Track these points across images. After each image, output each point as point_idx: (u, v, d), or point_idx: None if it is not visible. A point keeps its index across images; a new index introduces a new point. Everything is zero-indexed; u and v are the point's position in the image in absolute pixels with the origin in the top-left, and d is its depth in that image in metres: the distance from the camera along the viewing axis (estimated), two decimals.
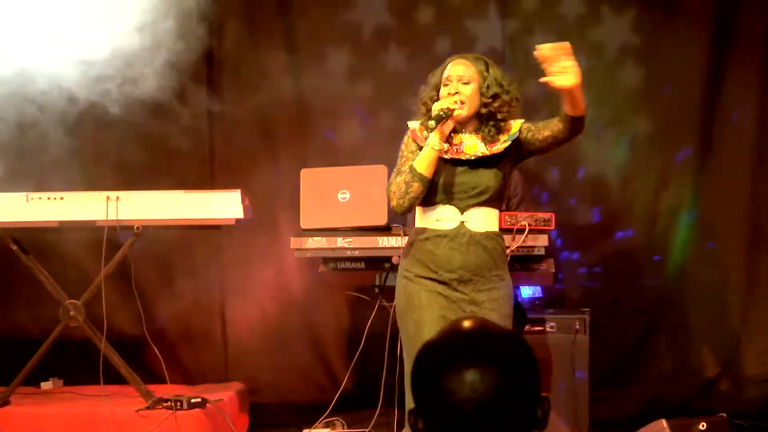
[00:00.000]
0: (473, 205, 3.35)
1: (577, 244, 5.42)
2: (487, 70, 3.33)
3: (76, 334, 4.72)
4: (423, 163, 3.27)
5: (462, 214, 3.34)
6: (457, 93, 3.28)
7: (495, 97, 3.30)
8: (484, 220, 3.37)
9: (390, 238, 4.24)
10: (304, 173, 4.52)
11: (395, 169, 3.40)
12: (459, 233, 3.33)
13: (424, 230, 3.39)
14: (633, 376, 5.32)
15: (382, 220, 4.27)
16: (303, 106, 5.46)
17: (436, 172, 3.32)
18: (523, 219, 4.05)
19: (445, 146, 3.30)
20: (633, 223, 5.41)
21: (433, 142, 3.26)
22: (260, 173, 5.39)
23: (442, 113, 3.21)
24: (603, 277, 5.42)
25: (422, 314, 3.31)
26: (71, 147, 5.15)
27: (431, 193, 3.33)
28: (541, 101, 4.56)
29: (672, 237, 5.33)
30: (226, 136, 5.50)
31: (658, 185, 5.34)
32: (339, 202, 4.33)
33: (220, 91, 5.43)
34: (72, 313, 4.60)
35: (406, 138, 3.46)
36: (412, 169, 3.28)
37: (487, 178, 3.35)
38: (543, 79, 3.15)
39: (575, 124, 3.28)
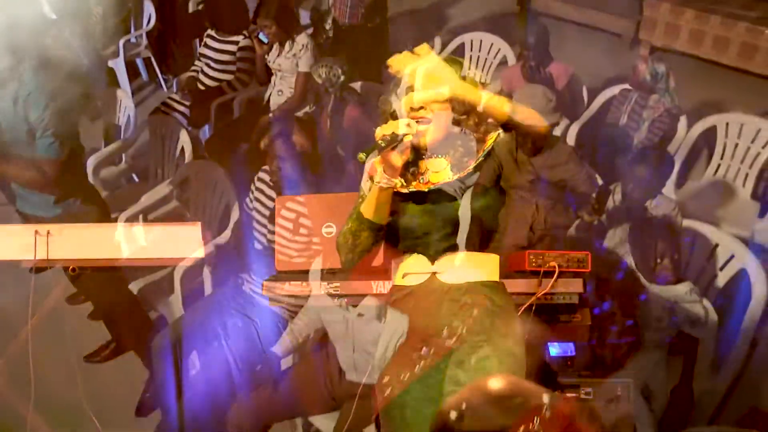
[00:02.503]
0: (446, 250, 2.87)
1: (618, 291, 4.88)
2: (463, 76, 2.88)
3: None
4: (371, 206, 2.84)
5: (433, 263, 2.88)
6: (422, 108, 2.80)
7: (469, 112, 2.83)
8: (463, 268, 2.88)
9: (387, 282, 3.77)
10: (280, 201, 4.17)
11: (350, 214, 2.99)
12: (429, 289, 2.87)
13: (393, 290, 3.02)
14: None
15: (377, 259, 3.74)
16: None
17: (398, 213, 2.87)
18: (552, 259, 3.61)
19: (397, 182, 2.82)
20: (689, 265, 4.92)
21: (380, 177, 2.78)
22: (223, 201, 5.05)
23: (382, 142, 2.72)
24: None
25: (391, 404, 2.87)
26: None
27: (394, 241, 2.92)
28: None
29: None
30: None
31: (722, 213, 5.09)
32: (323, 237, 3.91)
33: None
34: None
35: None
36: (359, 215, 2.88)
37: (460, 210, 2.88)
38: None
39: (513, 129, 2.79)
